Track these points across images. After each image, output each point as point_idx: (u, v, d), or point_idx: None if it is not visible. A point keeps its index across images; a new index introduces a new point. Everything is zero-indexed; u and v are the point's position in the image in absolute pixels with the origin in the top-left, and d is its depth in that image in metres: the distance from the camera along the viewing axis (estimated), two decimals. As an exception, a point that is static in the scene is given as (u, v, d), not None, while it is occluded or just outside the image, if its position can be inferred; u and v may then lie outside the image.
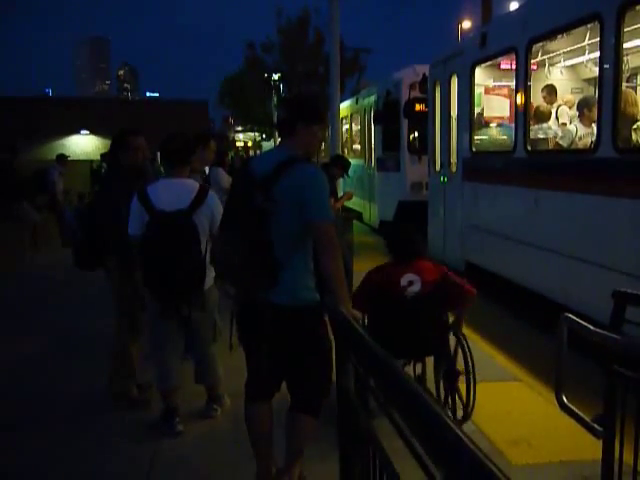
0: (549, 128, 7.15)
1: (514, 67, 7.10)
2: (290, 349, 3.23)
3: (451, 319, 4.37)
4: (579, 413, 2.96)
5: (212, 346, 4.43)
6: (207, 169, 7.15)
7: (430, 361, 4.34)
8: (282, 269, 3.03)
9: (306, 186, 3.02)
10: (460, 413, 4.13)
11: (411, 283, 3.97)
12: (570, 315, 2.94)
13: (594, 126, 5.99)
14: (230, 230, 3.22)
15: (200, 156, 5.27)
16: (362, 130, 16.74)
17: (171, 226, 3.98)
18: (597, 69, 5.65)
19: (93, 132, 37.90)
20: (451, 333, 4.33)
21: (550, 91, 7.38)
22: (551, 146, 7.01)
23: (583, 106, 6.78)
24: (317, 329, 3.21)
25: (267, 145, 43.28)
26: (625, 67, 5.60)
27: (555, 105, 7.37)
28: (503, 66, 8.15)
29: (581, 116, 6.74)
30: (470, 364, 4.14)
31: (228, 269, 3.30)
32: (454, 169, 8.93)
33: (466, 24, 39.84)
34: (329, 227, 3.05)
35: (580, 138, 6.63)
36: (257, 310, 3.19)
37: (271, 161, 3.12)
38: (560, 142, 6.89)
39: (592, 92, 7.13)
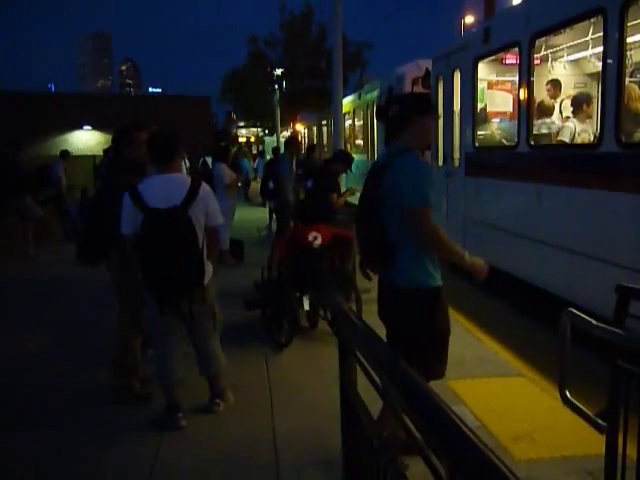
0: (552, 123, 7.14)
1: (517, 62, 7.07)
2: (400, 328, 3.48)
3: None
4: (582, 408, 2.96)
5: (213, 336, 4.43)
6: (210, 163, 7.14)
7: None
8: (397, 251, 3.33)
9: (400, 174, 3.30)
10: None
11: (315, 238, 5.76)
12: (573, 310, 2.94)
13: (597, 121, 5.97)
14: (359, 219, 3.63)
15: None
16: (365, 125, 16.71)
17: (167, 223, 3.93)
18: (600, 64, 5.63)
19: (95, 127, 37.88)
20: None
21: (554, 85, 7.36)
22: (554, 141, 6.99)
23: (587, 101, 6.76)
24: (426, 312, 3.40)
25: (269, 140, 43.10)
26: (628, 62, 5.57)
27: (558, 100, 7.35)
28: (506, 61, 8.13)
29: (584, 111, 6.72)
30: (358, 293, 5.93)
31: (364, 253, 3.73)
32: (457, 164, 8.92)
33: (469, 19, 39.73)
34: (414, 210, 3.28)
35: (583, 133, 6.61)
36: (383, 291, 3.61)
37: (386, 154, 3.52)
38: (563, 137, 6.87)
39: (595, 87, 7.11)
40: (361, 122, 17.48)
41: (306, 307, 6.13)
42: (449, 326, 3.52)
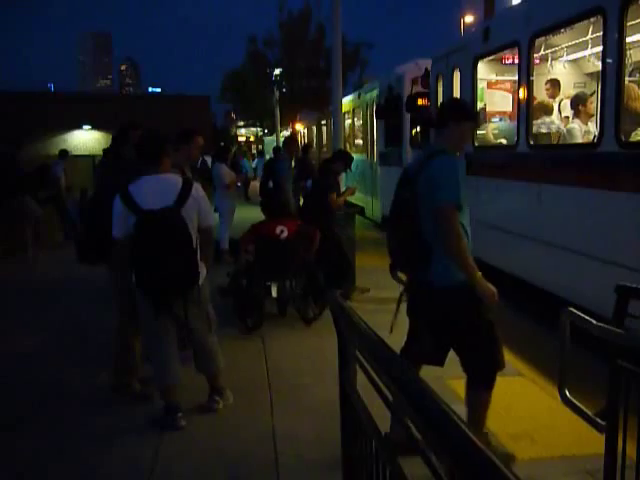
0: (552, 122, 7.14)
1: (517, 61, 7.08)
2: (445, 326, 3.52)
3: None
4: (582, 407, 2.96)
5: (210, 336, 4.42)
6: (209, 164, 7.15)
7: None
8: (431, 251, 3.38)
9: (435, 173, 3.37)
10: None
11: (282, 231, 6.27)
12: (573, 309, 2.95)
13: (597, 121, 5.97)
14: (391, 220, 3.70)
15: (184, 153, 5.08)
16: (364, 125, 16.71)
17: (160, 225, 3.90)
18: (600, 63, 5.63)
19: (95, 127, 37.86)
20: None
21: (553, 85, 7.36)
22: (554, 140, 6.99)
23: (586, 101, 6.76)
24: (466, 308, 3.44)
25: (269, 140, 43.10)
26: (628, 61, 5.57)
27: (558, 99, 7.35)
28: (506, 60, 8.13)
29: (584, 111, 6.72)
30: (321, 281, 6.53)
31: (395, 255, 3.75)
32: (456, 164, 8.91)
33: (468, 18, 39.78)
34: (442, 210, 3.35)
35: (582, 132, 6.61)
36: (418, 290, 3.62)
37: (420, 156, 3.63)
38: (563, 136, 6.88)
39: (595, 86, 7.12)
40: (361, 121, 17.47)
41: (274, 294, 6.66)
42: (493, 320, 3.53)
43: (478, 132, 8.33)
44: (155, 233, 3.90)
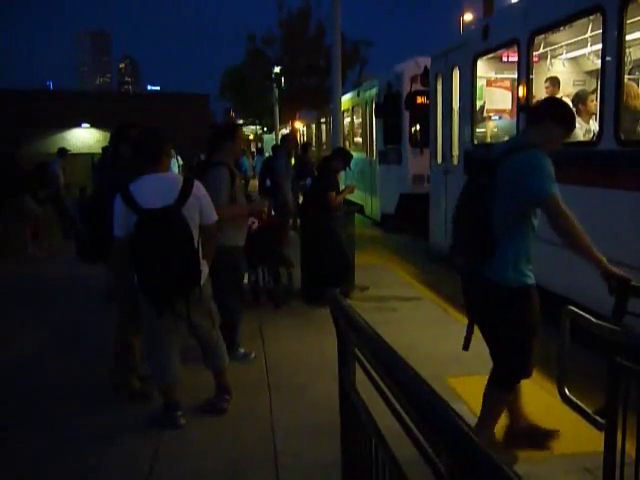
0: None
1: (516, 59, 7.07)
2: (488, 322, 3.53)
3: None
4: (581, 405, 2.97)
5: (215, 332, 4.41)
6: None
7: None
8: (496, 244, 3.29)
9: (522, 169, 3.24)
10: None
11: (253, 222, 6.37)
12: (573, 308, 2.95)
13: (596, 118, 5.97)
14: (459, 204, 3.59)
15: (230, 150, 5.27)
16: (364, 123, 16.69)
17: (161, 224, 3.88)
18: (599, 61, 5.63)
19: (94, 125, 37.84)
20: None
21: (552, 83, 7.36)
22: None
23: (586, 99, 6.76)
24: (514, 309, 3.41)
25: (268, 138, 43.00)
26: (627, 59, 5.57)
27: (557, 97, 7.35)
28: (505, 58, 8.13)
29: (583, 109, 6.72)
30: (290, 268, 7.44)
31: (459, 242, 3.64)
32: (456, 162, 8.91)
33: (468, 17, 39.76)
34: (546, 202, 3.27)
35: (582, 131, 6.61)
36: (471, 281, 3.54)
37: (507, 145, 3.52)
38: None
39: (594, 84, 7.11)
40: (360, 120, 17.46)
41: (245, 281, 7.06)
42: (537, 327, 3.48)
43: (477, 130, 8.33)
44: (156, 232, 3.88)
